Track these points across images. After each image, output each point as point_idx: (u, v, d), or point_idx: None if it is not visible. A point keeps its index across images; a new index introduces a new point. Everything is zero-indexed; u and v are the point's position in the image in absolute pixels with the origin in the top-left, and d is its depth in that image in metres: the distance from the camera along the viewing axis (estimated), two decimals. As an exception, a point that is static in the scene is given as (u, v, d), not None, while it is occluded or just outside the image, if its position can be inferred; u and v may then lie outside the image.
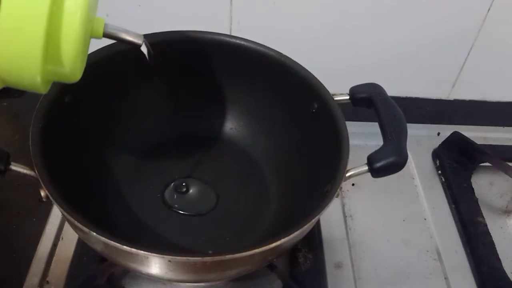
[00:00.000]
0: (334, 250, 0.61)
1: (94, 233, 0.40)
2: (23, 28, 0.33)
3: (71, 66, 0.37)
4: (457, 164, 0.71)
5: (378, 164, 0.47)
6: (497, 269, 0.60)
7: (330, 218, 0.64)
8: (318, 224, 0.61)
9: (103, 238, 0.40)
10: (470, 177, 0.70)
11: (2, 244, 0.58)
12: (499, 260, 0.60)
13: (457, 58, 0.77)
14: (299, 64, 0.56)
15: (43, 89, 0.38)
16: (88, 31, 0.38)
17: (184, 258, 0.40)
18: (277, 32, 0.68)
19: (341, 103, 0.53)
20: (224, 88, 0.63)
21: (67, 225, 0.60)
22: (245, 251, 0.41)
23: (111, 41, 0.46)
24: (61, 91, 0.50)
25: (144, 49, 0.44)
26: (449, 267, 0.61)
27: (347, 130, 0.50)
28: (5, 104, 0.75)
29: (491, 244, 0.62)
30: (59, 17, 0.35)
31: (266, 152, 0.63)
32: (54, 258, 0.58)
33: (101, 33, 0.40)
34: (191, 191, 0.60)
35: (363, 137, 0.64)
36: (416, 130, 0.73)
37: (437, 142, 0.74)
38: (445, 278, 0.60)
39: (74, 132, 0.53)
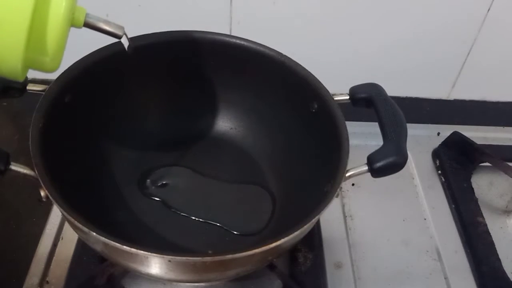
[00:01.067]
0: (334, 250, 0.61)
1: (94, 233, 0.40)
2: (7, 19, 0.34)
3: (53, 55, 0.37)
4: (457, 164, 0.71)
5: (378, 164, 0.47)
6: (497, 269, 0.60)
7: (330, 218, 0.64)
8: (318, 224, 0.61)
9: (103, 238, 0.40)
10: (470, 177, 0.69)
11: (2, 244, 0.58)
12: (499, 260, 0.60)
13: (457, 58, 0.77)
14: (299, 64, 0.56)
15: (21, 77, 0.38)
16: (70, 21, 0.38)
17: (184, 258, 0.40)
18: (277, 32, 0.68)
19: (341, 103, 0.53)
20: (224, 88, 0.63)
21: (67, 225, 0.60)
22: (245, 251, 0.41)
23: (110, 42, 0.46)
24: (61, 91, 0.50)
25: (124, 40, 0.43)
26: (449, 267, 0.61)
27: (347, 130, 0.50)
28: (5, 104, 0.75)
29: (491, 244, 0.62)
30: (44, 7, 0.35)
31: (266, 152, 0.63)
32: (54, 258, 0.57)
33: (81, 23, 0.40)
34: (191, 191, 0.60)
35: (363, 137, 0.64)
36: (416, 130, 0.73)
37: (437, 142, 0.74)
38: (445, 278, 0.60)
39: (74, 132, 0.53)
